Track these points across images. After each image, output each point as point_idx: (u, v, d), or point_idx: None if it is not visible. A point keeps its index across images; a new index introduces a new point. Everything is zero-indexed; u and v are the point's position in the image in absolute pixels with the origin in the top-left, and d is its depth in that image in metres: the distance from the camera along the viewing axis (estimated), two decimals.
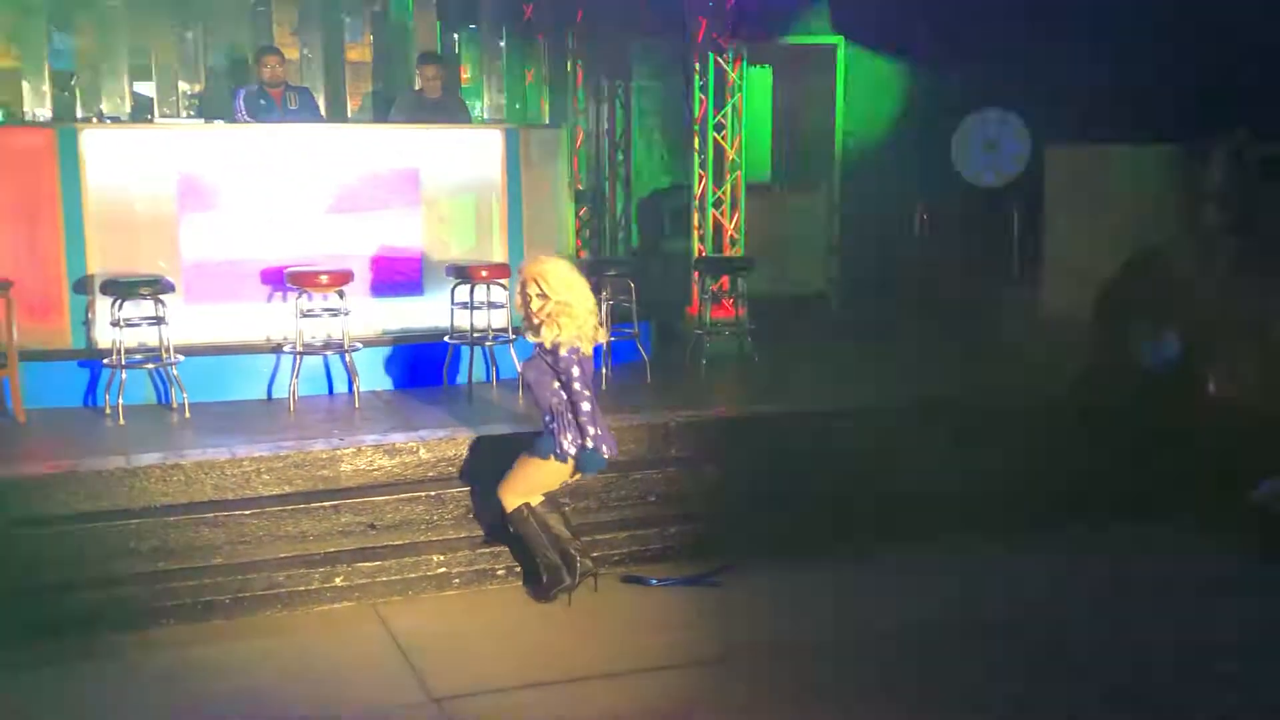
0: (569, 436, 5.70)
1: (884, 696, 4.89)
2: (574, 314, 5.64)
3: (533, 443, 5.80)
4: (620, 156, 11.60)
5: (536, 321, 5.70)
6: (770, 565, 6.31)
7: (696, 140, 9.52)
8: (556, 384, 5.70)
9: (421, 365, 8.07)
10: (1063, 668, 5.13)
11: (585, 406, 5.65)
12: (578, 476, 5.85)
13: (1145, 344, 7.42)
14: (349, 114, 11.22)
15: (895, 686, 4.99)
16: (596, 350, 8.41)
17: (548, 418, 5.74)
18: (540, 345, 5.70)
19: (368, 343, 7.90)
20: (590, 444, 5.67)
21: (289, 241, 7.96)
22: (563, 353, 5.65)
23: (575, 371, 5.65)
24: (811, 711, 4.77)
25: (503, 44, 11.59)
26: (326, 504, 6.11)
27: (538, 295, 5.68)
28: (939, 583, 6.07)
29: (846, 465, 6.95)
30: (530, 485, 5.78)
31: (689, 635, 5.49)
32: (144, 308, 7.29)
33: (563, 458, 5.71)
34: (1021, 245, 10.63)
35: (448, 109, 9.53)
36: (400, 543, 6.12)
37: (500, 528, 5.96)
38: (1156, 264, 7.94)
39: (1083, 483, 7.01)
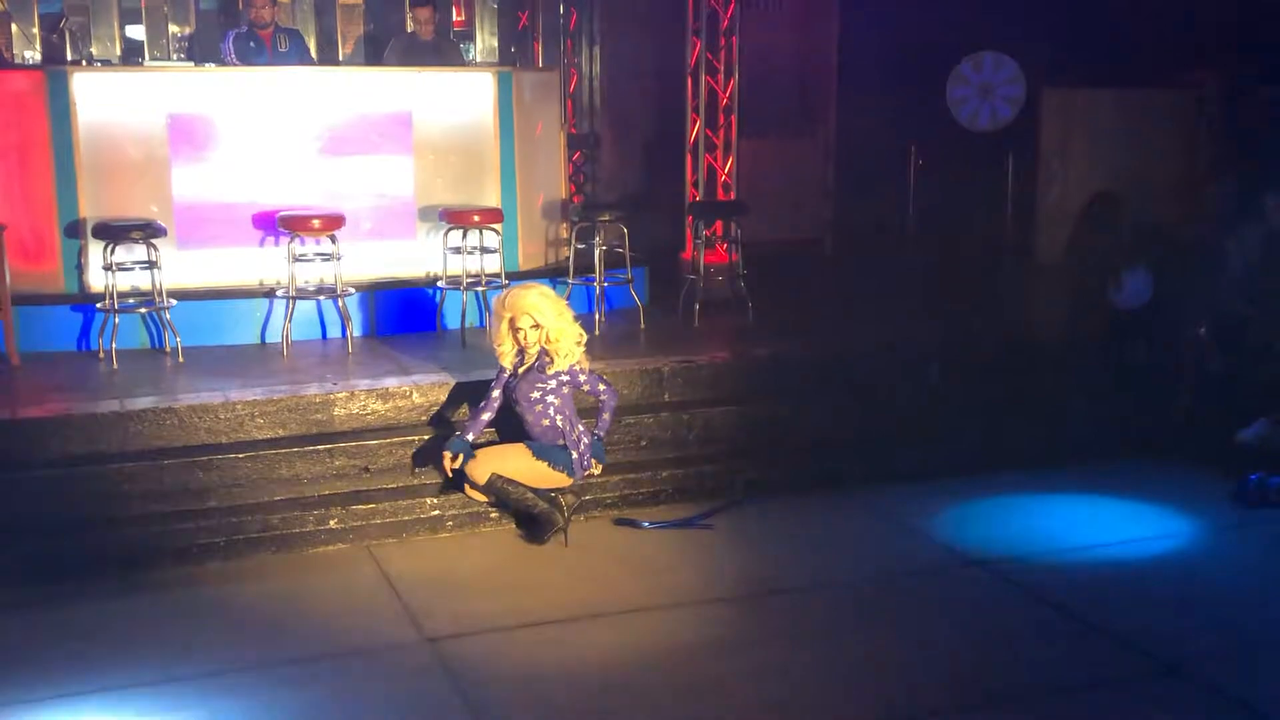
0: (581, 448, 5.87)
1: (868, 632, 4.94)
2: (569, 332, 5.82)
3: (539, 447, 5.85)
4: (614, 100, 11.51)
5: (535, 351, 5.85)
6: (764, 507, 6.36)
7: (689, 83, 9.44)
8: (558, 400, 5.82)
9: (414, 310, 8.05)
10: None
11: (606, 417, 5.96)
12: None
13: (1113, 285, 7.51)
14: (340, 57, 11.10)
15: (881, 623, 5.03)
16: (589, 294, 8.42)
17: (554, 436, 5.86)
18: (538, 372, 5.84)
19: (360, 287, 7.88)
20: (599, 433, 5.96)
21: (281, 185, 7.91)
22: (582, 377, 5.90)
23: (600, 385, 5.97)
24: (802, 647, 4.82)
25: None
26: (320, 447, 6.12)
27: (533, 328, 5.80)
28: (928, 524, 6.12)
29: (838, 408, 6.99)
30: (524, 478, 5.84)
31: (680, 577, 5.54)
32: (136, 252, 7.25)
33: (579, 473, 5.89)
34: (1016, 189, 10.59)
35: (441, 52, 9.44)
36: (394, 486, 6.14)
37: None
38: (1116, 209, 8.01)
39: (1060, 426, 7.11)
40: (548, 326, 5.81)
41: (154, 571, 5.50)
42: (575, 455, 5.86)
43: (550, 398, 5.84)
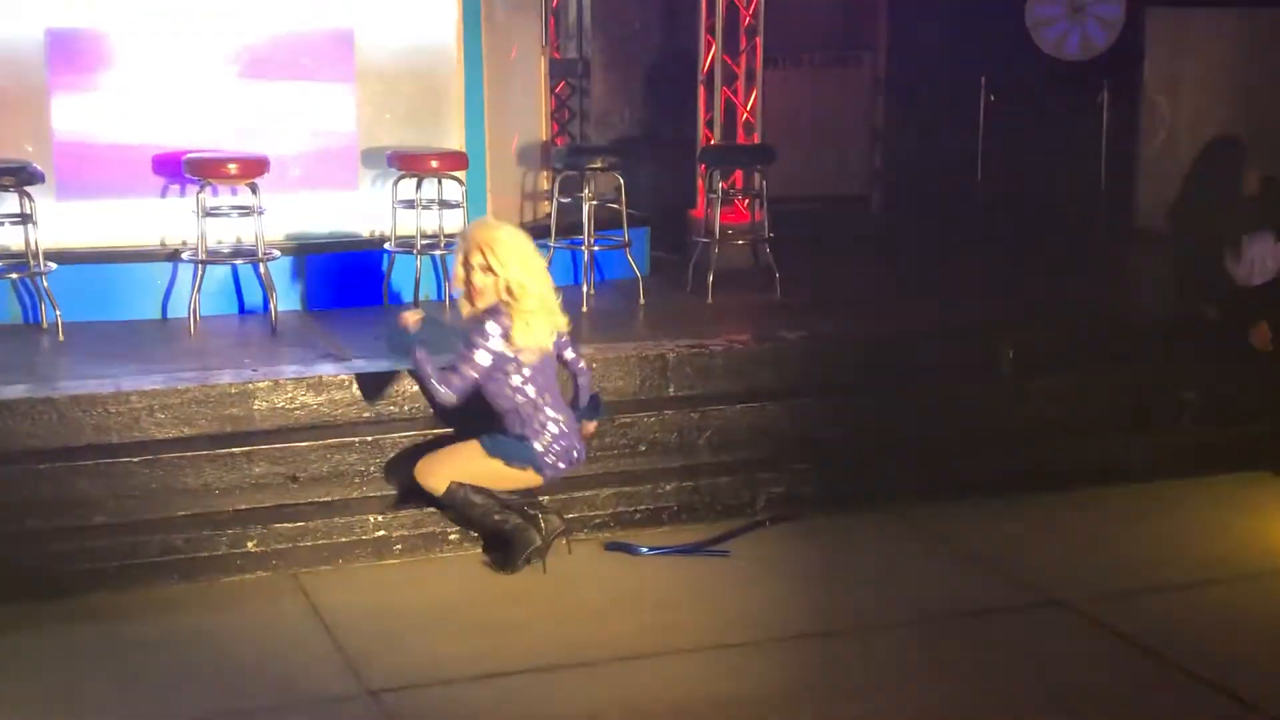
0: (546, 440, 5.81)
1: (924, 688, 4.94)
2: (531, 293, 5.73)
3: (493, 441, 5.82)
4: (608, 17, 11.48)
5: (482, 305, 5.79)
6: (792, 530, 6.36)
7: None
8: (518, 379, 5.78)
9: (356, 279, 8.05)
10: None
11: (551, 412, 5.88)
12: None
13: (1232, 254, 7.52)
14: None
15: (940, 676, 5.03)
16: (575, 261, 8.43)
17: (513, 422, 5.83)
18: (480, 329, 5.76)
19: (288, 250, 7.87)
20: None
21: (190, 120, 7.91)
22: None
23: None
24: (839, 706, 4.82)
25: None
26: (236, 450, 6.11)
27: (482, 268, 5.74)
28: (998, 551, 6.12)
29: (887, 406, 6.99)
30: (487, 481, 5.84)
31: (687, 616, 5.53)
32: (5, 203, 7.23)
33: (546, 470, 5.85)
34: (1112, 134, 10.59)
35: None
36: (328, 499, 6.14)
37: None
38: (1237, 157, 8.01)
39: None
40: (504, 276, 5.72)
41: (26, 604, 5.47)
42: (539, 448, 5.83)
43: (510, 371, 5.80)
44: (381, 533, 6.04)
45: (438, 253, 7.92)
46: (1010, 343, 7.42)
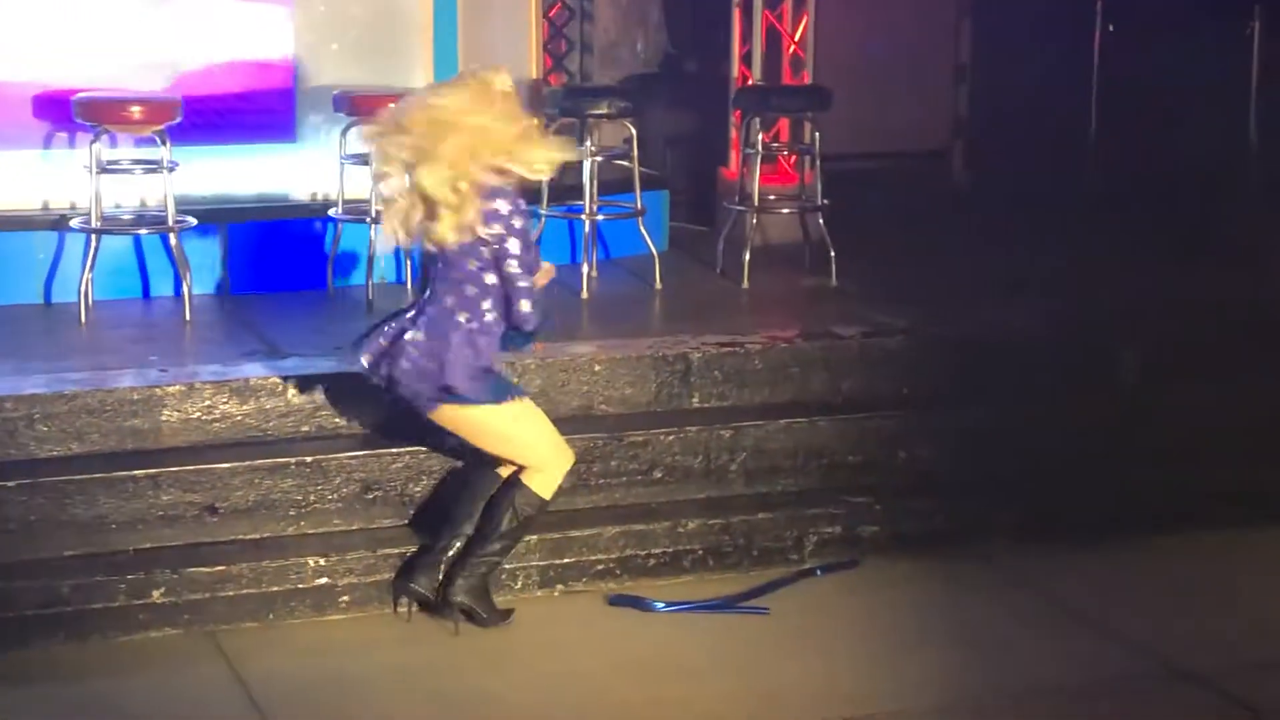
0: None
1: None
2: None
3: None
4: None
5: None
6: (850, 581, 6.40)
7: None
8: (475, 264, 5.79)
9: (293, 254, 8.11)
10: None
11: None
12: None
13: None
14: None
15: None
16: (573, 233, 8.47)
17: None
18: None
19: (206, 217, 7.90)
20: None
21: (80, 52, 7.95)
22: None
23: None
24: None
25: None
26: (139, 473, 6.14)
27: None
28: (1117, 611, 6.14)
29: (971, 424, 7.01)
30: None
31: (713, 689, 5.55)
32: None
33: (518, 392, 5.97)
34: (1265, 75, 10.58)
35: None
36: (256, 537, 6.18)
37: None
38: None
39: None
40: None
41: None
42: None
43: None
44: (324, 580, 6.07)
45: None
46: (1134, 345, 7.43)
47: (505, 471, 5.95)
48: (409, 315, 5.85)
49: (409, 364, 5.76)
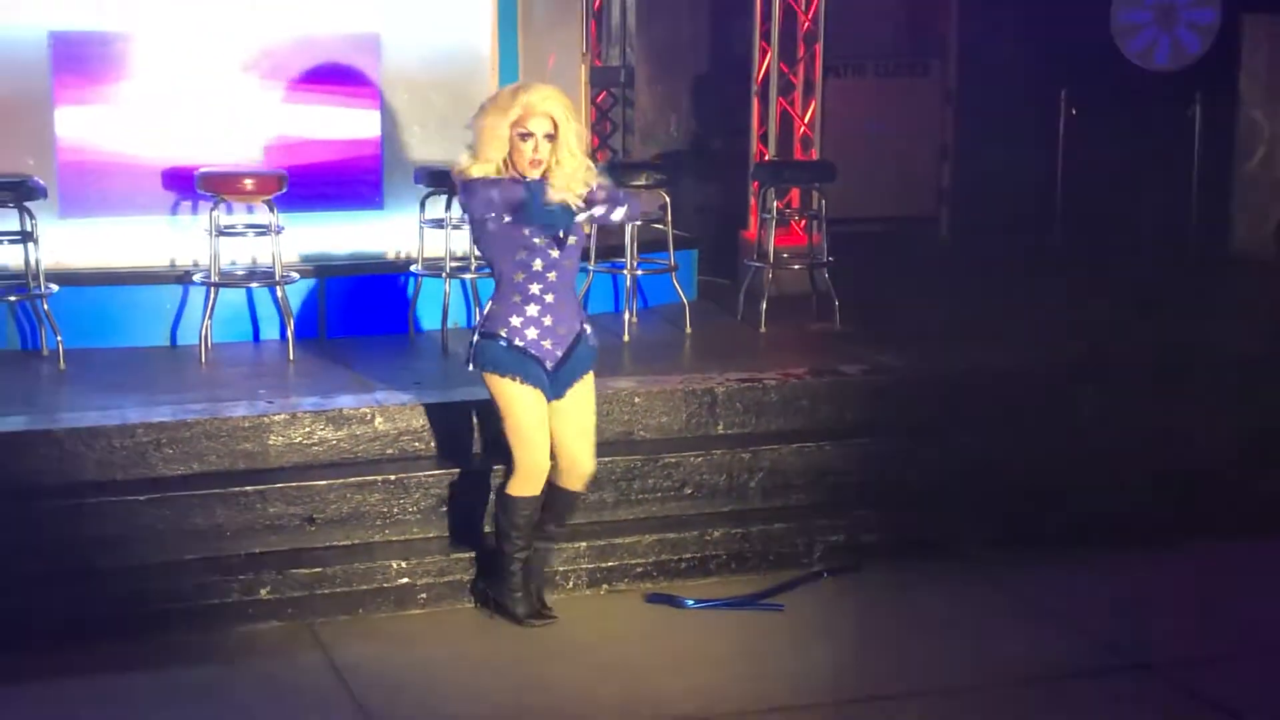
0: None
1: None
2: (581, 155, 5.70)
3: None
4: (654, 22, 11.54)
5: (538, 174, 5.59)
6: (853, 583, 6.36)
7: (759, 1, 9.45)
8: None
9: (380, 304, 8.11)
10: None
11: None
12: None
13: None
14: None
15: None
16: (616, 286, 8.44)
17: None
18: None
19: (307, 273, 7.93)
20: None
21: (201, 133, 7.98)
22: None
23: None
24: None
25: None
26: (249, 489, 6.14)
27: (547, 137, 5.58)
28: (1080, 608, 6.10)
29: (958, 448, 6.98)
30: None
31: (736, 675, 5.53)
32: (5, 220, 7.31)
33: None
34: (1206, 151, 10.54)
35: None
36: (348, 543, 6.17)
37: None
38: None
39: None
40: (564, 138, 5.57)
41: (20, 657, 5.51)
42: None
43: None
44: (404, 580, 6.06)
45: (467, 276, 7.96)
46: (1092, 382, 7.39)
47: (568, 483, 5.82)
48: None
49: None
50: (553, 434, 5.69)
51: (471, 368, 5.70)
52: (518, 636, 5.83)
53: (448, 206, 7.84)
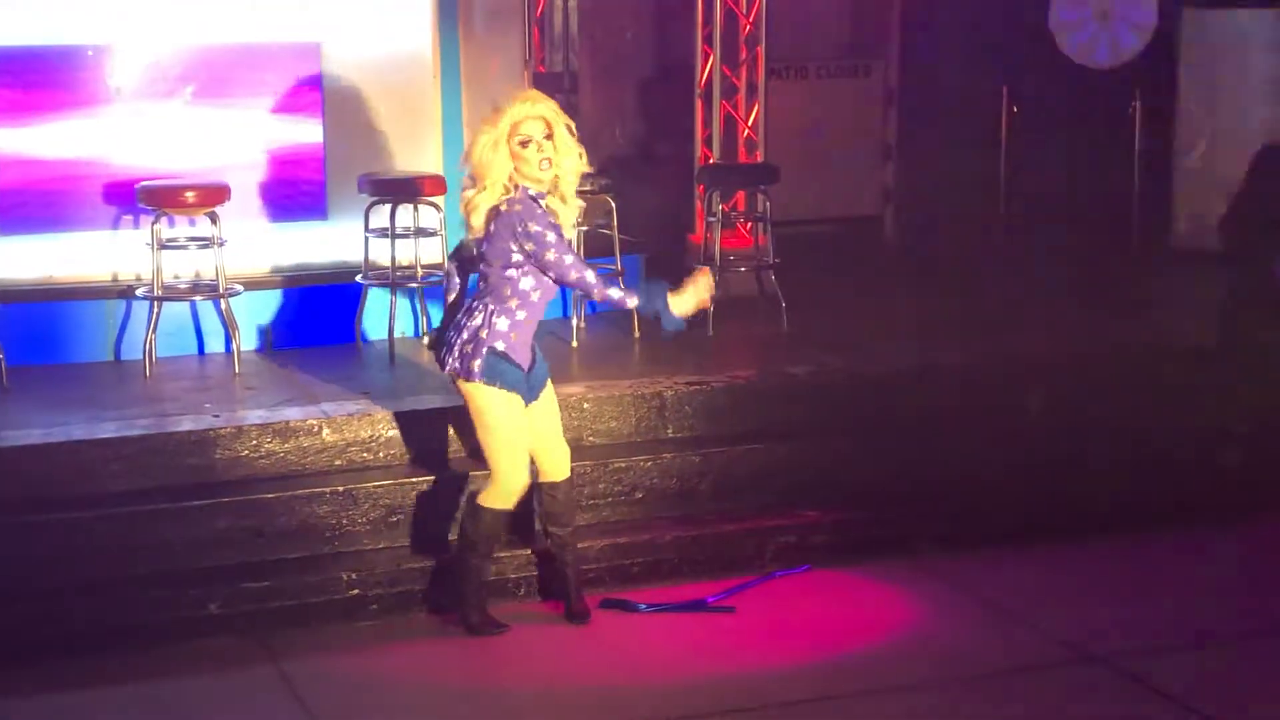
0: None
1: None
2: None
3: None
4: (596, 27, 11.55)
5: (550, 176, 5.74)
6: (804, 583, 6.39)
7: (699, 2, 9.49)
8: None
9: (325, 315, 8.08)
10: None
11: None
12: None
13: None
14: None
15: None
16: (564, 293, 8.48)
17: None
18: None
19: (251, 284, 7.89)
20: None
21: (142, 145, 7.94)
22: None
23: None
24: None
25: None
26: (196, 503, 6.14)
27: (546, 138, 5.70)
28: (1030, 604, 6.15)
29: (905, 447, 7.03)
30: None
31: (690, 678, 5.55)
32: None
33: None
34: (1147, 147, 10.64)
35: None
36: (298, 555, 6.16)
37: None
38: None
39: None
40: (559, 144, 5.69)
41: None
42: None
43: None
44: (355, 591, 6.05)
45: (414, 285, 7.95)
46: (1038, 379, 7.44)
47: (555, 473, 5.96)
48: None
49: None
50: (533, 436, 5.80)
51: (467, 382, 5.66)
52: (471, 645, 5.83)
53: (392, 215, 7.83)
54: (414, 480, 6.35)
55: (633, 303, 5.76)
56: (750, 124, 9.56)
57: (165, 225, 7.56)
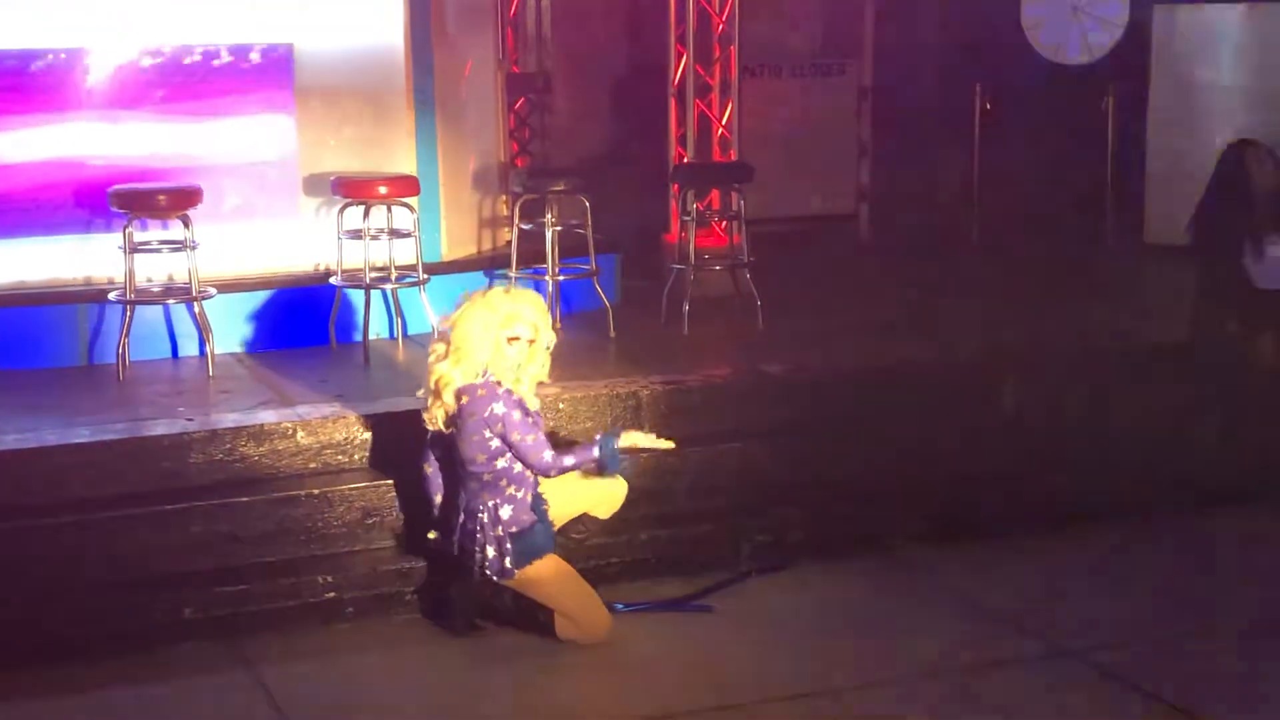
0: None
1: None
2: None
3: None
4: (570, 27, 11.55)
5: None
6: (781, 581, 6.39)
7: (673, 4, 9.49)
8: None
9: (299, 317, 8.07)
10: None
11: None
12: None
13: (1253, 254, 7.51)
14: None
15: None
16: (539, 292, 8.48)
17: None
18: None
19: (224, 287, 7.87)
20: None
21: (114, 148, 7.92)
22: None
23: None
24: None
25: None
26: (170, 508, 6.10)
27: (530, 341, 5.80)
28: (1003, 599, 6.16)
29: (881, 445, 7.03)
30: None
31: (668, 678, 5.55)
32: None
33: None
34: (1120, 143, 10.68)
35: None
36: (273, 559, 6.13)
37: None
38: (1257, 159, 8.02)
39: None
40: (540, 344, 5.83)
41: None
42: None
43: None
44: (331, 595, 6.03)
45: (388, 287, 7.94)
46: (1012, 374, 7.46)
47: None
48: None
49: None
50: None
51: (511, 579, 5.73)
52: (449, 647, 5.82)
53: (365, 216, 7.82)
54: (390, 482, 6.32)
55: (595, 453, 5.86)
56: (724, 123, 9.57)
57: (138, 228, 7.53)
